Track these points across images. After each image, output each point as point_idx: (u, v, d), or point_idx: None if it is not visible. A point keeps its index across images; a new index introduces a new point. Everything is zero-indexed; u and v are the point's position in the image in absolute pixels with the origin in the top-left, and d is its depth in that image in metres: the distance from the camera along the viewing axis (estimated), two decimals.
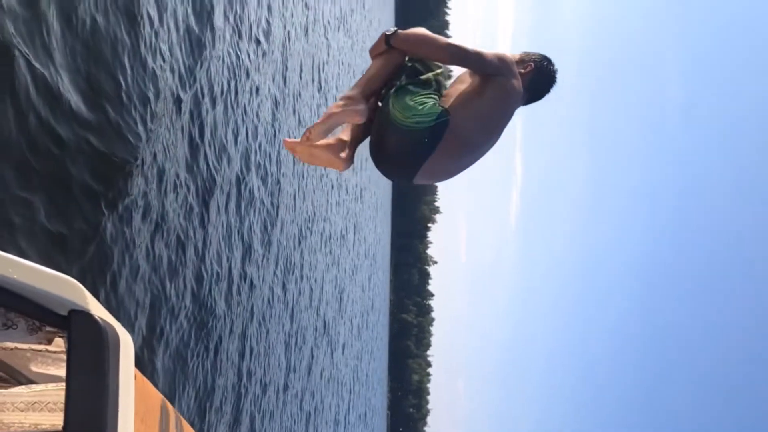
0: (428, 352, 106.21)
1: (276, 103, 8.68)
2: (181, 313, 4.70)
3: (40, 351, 1.61)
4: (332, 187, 14.89)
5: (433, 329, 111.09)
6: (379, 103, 2.69)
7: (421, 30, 2.64)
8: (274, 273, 8.26)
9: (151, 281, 4.11)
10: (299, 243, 10.08)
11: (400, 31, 2.61)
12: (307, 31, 11.51)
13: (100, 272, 3.41)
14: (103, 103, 3.43)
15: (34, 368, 1.64)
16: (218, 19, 5.81)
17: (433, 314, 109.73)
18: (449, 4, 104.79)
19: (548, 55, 2.89)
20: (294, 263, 9.58)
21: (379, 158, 2.66)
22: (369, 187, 28.14)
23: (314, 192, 11.83)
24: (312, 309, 11.40)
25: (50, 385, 1.60)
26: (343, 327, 16.47)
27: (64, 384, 1.32)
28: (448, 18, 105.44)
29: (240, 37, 6.74)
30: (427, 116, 2.50)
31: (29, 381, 1.65)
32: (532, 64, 2.78)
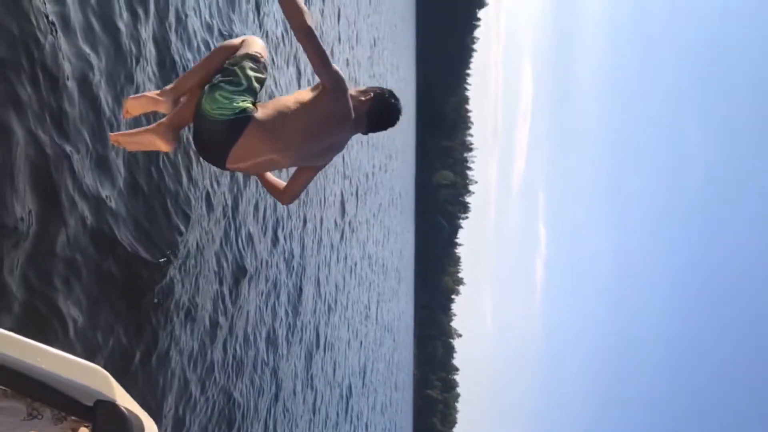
0: (454, 430, 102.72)
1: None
2: (207, 398, 4.67)
3: None
4: (356, 263, 14.89)
5: (459, 405, 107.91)
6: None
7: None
8: (298, 353, 8.19)
9: (179, 367, 4.11)
10: (323, 319, 10.02)
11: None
12: None
13: (128, 358, 3.42)
14: (143, 201, 3.55)
15: None
16: None
17: (459, 389, 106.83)
18: (468, 81, 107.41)
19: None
20: (317, 340, 9.49)
21: (197, 146, 3.02)
22: (392, 260, 28.07)
23: (338, 265, 11.84)
24: (335, 385, 11.19)
25: None
26: (366, 404, 16.07)
27: None
28: (468, 93, 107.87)
29: None
30: (229, 110, 2.83)
31: None
32: (372, 94, 3.18)
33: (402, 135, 41.52)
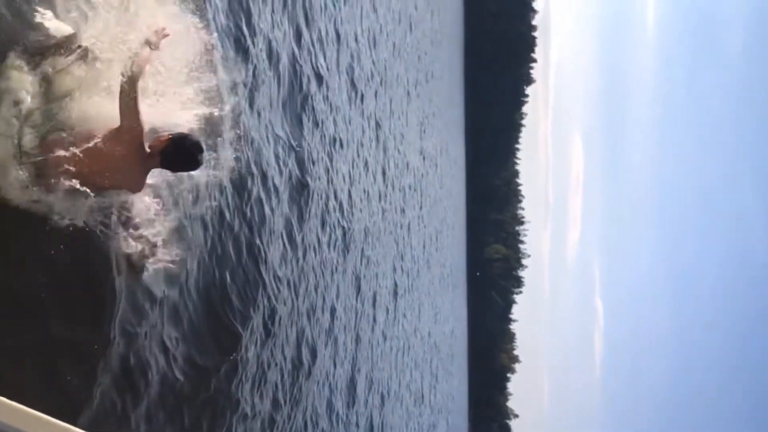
0: None
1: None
2: None
3: None
4: (407, 337, 14.79)
5: None
6: None
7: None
8: None
9: None
10: (375, 409, 9.93)
11: None
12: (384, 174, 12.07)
13: None
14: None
15: None
16: None
17: None
18: (518, 155, 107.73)
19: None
20: (371, 427, 9.38)
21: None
22: (445, 339, 27.63)
23: (389, 344, 11.79)
24: None
25: None
26: None
27: None
28: (518, 167, 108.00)
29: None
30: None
31: None
32: (169, 135, 3.42)
33: (453, 211, 41.67)
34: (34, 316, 3.17)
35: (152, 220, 3.76)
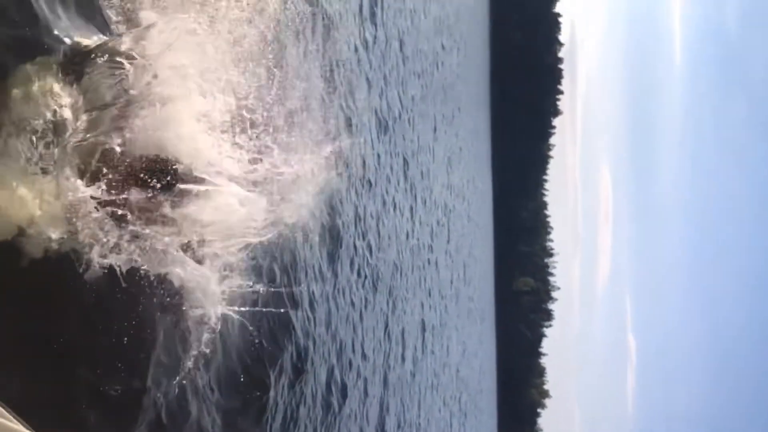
0: None
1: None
2: None
3: None
4: (436, 373, 14.66)
5: None
6: None
7: None
8: None
9: None
10: None
11: None
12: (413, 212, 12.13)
13: None
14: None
15: None
16: None
17: None
18: (546, 186, 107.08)
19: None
20: None
21: None
22: (474, 374, 27.28)
23: (419, 378, 11.70)
24: None
25: None
26: None
27: None
28: (546, 199, 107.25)
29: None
30: None
31: None
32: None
33: (481, 244, 41.47)
34: (72, 360, 3.25)
35: (184, 261, 3.76)
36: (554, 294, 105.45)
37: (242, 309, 4.70)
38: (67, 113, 3.05)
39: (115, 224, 3.27)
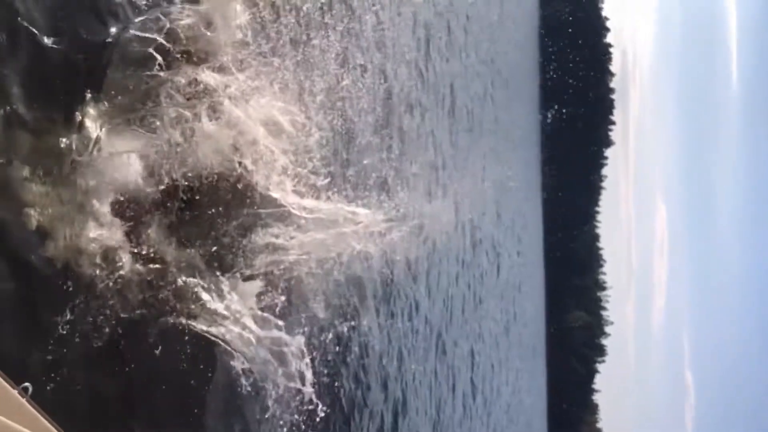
0: None
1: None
2: None
3: None
4: (486, 410, 14.56)
5: None
6: None
7: None
8: None
9: None
10: None
11: None
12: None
13: None
14: None
15: None
16: None
17: None
18: (598, 218, 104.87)
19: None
20: None
21: None
22: (524, 410, 26.79)
23: (471, 421, 11.67)
24: None
25: None
26: None
27: None
28: (598, 231, 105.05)
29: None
30: None
31: None
32: None
33: (531, 277, 40.97)
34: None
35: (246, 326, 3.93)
36: (607, 329, 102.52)
37: (310, 339, 4.91)
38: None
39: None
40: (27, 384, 1.99)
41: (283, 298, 4.50)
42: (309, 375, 4.98)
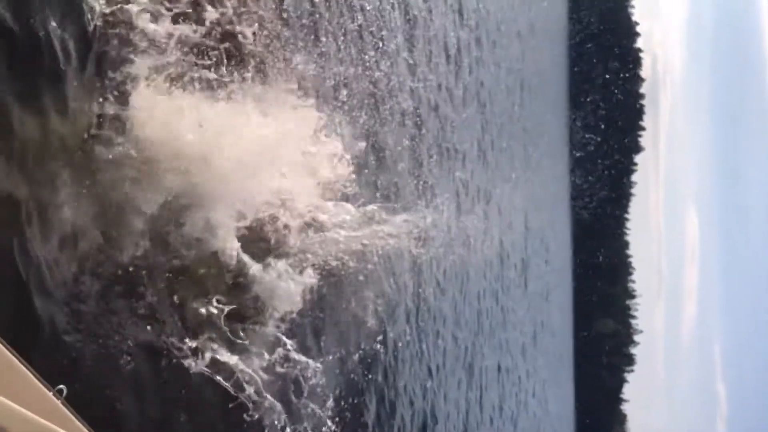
0: None
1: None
2: None
3: None
4: (512, 416, 14.47)
5: None
6: None
7: None
8: None
9: None
10: None
11: None
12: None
13: None
14: None
15: None
16: None
17: None
18: (627, 225, 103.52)
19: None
20: None
21: None
22: (551, 421, 26.54)
23: (501, 415, 11.61)
24: None
25: None
26: None
27: None
28: (627, 238, 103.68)
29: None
30: None
31: None
32: None
33: (559, 286, 40.61)
34: None
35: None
36: (636, 337, 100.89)
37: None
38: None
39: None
40: (62, 386, 2.06)
41: (308, 316, 4.54)
42: (331, 394, 5.02)
